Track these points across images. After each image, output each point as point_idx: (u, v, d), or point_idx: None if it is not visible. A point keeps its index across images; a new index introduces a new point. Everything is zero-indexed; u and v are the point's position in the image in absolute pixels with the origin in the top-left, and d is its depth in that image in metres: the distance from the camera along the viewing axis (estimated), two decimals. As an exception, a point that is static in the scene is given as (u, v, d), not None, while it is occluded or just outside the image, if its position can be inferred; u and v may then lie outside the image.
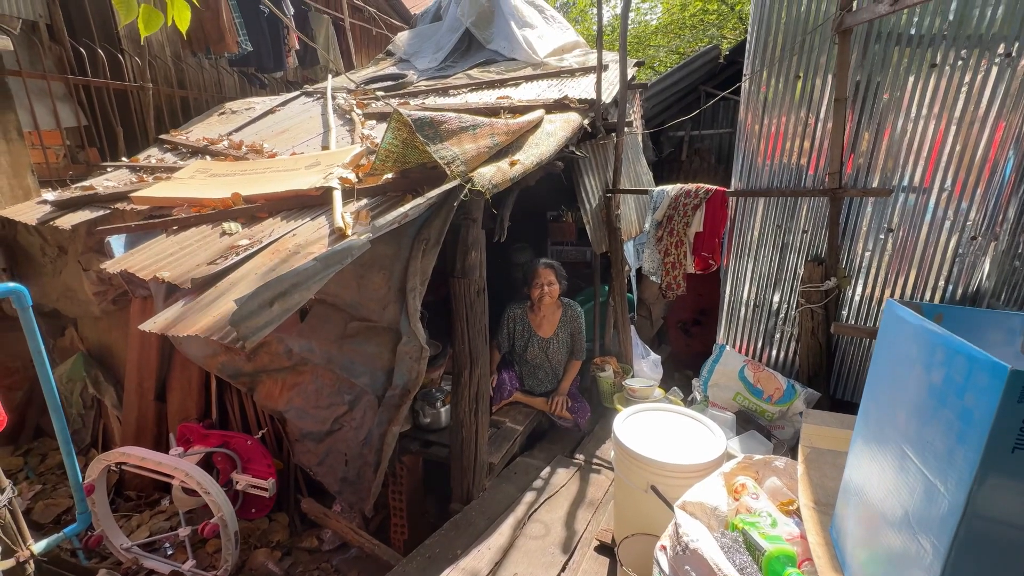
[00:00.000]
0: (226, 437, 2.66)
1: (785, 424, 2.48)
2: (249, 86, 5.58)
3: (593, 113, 3.22)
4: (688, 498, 1.19)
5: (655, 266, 3.05)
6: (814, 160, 2.56)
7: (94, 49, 3.92)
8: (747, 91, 2.71)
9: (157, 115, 4.43)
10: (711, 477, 1.27)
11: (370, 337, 2.19)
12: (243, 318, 1.38)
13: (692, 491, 1.22)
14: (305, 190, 2.39)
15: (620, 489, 1.84)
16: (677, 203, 2.86)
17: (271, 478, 2.58)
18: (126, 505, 2.92)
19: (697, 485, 1.24)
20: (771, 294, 2.82)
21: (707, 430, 1.77)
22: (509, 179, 2.26)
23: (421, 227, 2.09)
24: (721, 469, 1.30)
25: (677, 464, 1.58)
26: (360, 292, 2.16)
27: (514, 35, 4.77)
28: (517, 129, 2.63)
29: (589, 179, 3.29)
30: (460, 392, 2.31)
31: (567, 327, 3.05)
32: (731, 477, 1.29)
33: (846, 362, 2.69)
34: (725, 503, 1.15)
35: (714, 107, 5.54)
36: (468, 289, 2.22)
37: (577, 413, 2.90)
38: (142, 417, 2.92)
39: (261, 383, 2.63)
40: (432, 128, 2.21)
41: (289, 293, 1.48)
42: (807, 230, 2.64)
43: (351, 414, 2.37)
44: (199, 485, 2.22)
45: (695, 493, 1.20)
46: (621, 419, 1.85)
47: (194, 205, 2.59)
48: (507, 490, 2.40)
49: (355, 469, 2.36)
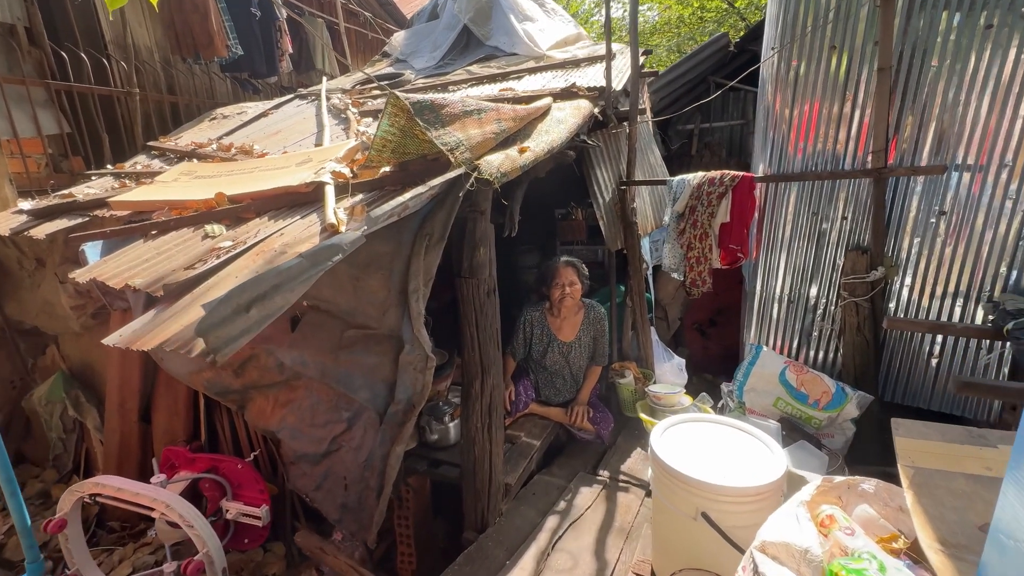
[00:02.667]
0: (215, 461, 2.42)
1: (835, 432, 2.22)
2: (242, 92, 5.42)
3: (603, 101, 3.01)
4: (768, 536, 0.95)
5: (677, 262, 2.82)
6: (854, 141, 2.33)
7: (77, 54, 3.74)
8: (774, 71, 2.49)
9: (146, 122, 4.25)
10: (789, 507, 1.03)
11: (369, 347, 1.95)
12: (212, 326, 1.15)
13: (771, 527, 0.97)
14: (295, 186, 2.18)
15: (660, 514, 1.59)
16: (700, 192, 2.63)
17: (264, 505, 2.33)
18: (109, 537, 2.68)
19: (775, 518, 1.00)
20: (807, 288, 2.58)
21: (761, 444, 1.53)
22: (519, 167, 2.04)
23: (423, 221, 1.86)
24: (800, 496, 1.05)
25: (734, 487, 1.33)
26: (357, 296, 1.94)
27: (514, 29, 4.60)
28: (525, 115, 2.41)
29: (601, 171, 3.07)
30: (471, 405, 2.07)
31: (590, 330, 2.81)
32: (815, 506, 1.04)
33: (896, 361, 2.44)
34: (816, 542, 0.91)
35: (724, 99, 5.33)
36: (477, 290, 1.99)
37: (600, 424, 2.65)
38: (125, 440, 2.68)
39: (252, 400, 2.40)
40: (433, 112, 2.00)
41: (269, 296, 1.26)
42: (847, 216, 2.40)
43: (350, 433, 2.13)
44: (181, 518, 1.98)
45: (776, 529, 0.96)
46: (658, 433, 1.61)
47: (175, 208, 2.38)
48: (526, 514, 2.15)
49: (356, 494, 2.11)
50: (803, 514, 0.99)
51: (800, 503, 1.02)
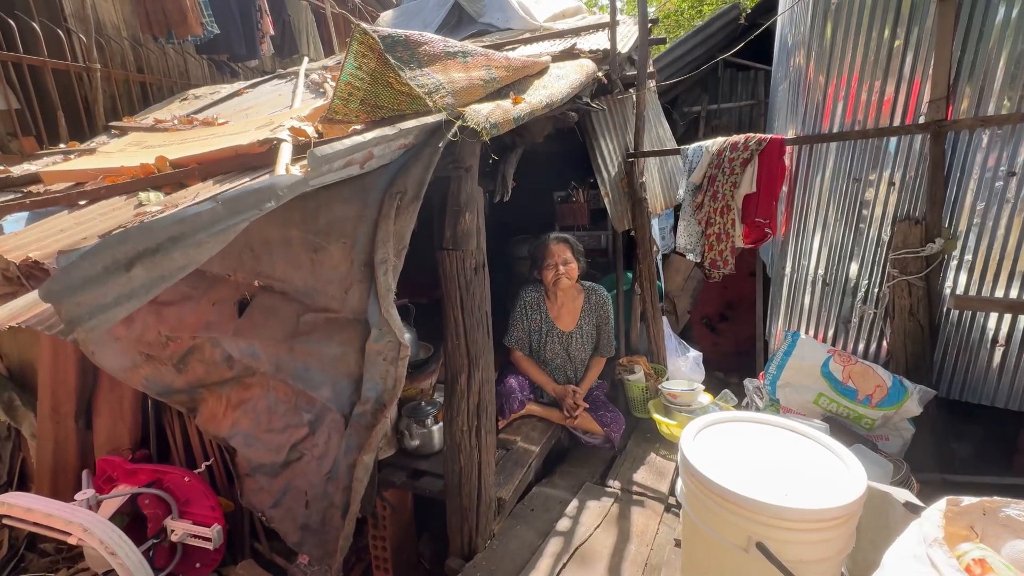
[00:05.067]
0: (158, 473, 2.07)
1: (890, 433, 1.88)
2: (219, 74, 5.09)
3: (608, 65, 2.67)
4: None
5: (693, 241, 2.47)
6: (904, 93, 2.00)
7: (30, 24, 3.40)
8: (807, 31, 2.16)
9: (112, 103, 3.91)
10: (913, 545, 0.69)
11: (330, 334, 1.60)
12: (69, 289, 0.81)
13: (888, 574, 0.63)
14: (245, 146, 1.83)
15: (696, 542, 1.24)
16: (721, 159, 2.29)
17: (217, 524, 1.99)
18: (42, 561, 2.32)
19: (898, 566, 0.66)
20: (846, 267, 2.24)
21: (825, 451, 1.18)
22: (512, 119, 1.70)
23: (394, 177, 1.52)
24: (926, 530, 0.70)
25: (804, 510, 0.98)
26: (314, 272, 1.59)
27: (508, 3, 4.28)
28: (520, 67, 2.07)
29: (606, 142, 2.73)
30: (455, 405, 1.72)
31: (592, 316, 2.45)
32: (952, 541, 0.70)
33: (952, 351, 2.09)
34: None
35: (732, 79, 5.01)
36: (462, 264, 1.64)
37: (609, 426, 2.29)
38: (60, 449, 2.32)
39: (203, 401, 2.05)
40: (407, 50, 1.66)
41: (165, 250, 0.91)
42: (895, 182, 2.07)
43: (312, 439, 1.78)
44: (102, 544, 1.63)
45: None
46: (689, 437, 1.26)
47: (110, 176, 2.04)
48: (523, 536, 1.79)
49: (318, 512, 1.76)
50: (943, 559, 0.64)
51: (934, 542, 0.68)
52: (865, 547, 1.19)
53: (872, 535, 1.20)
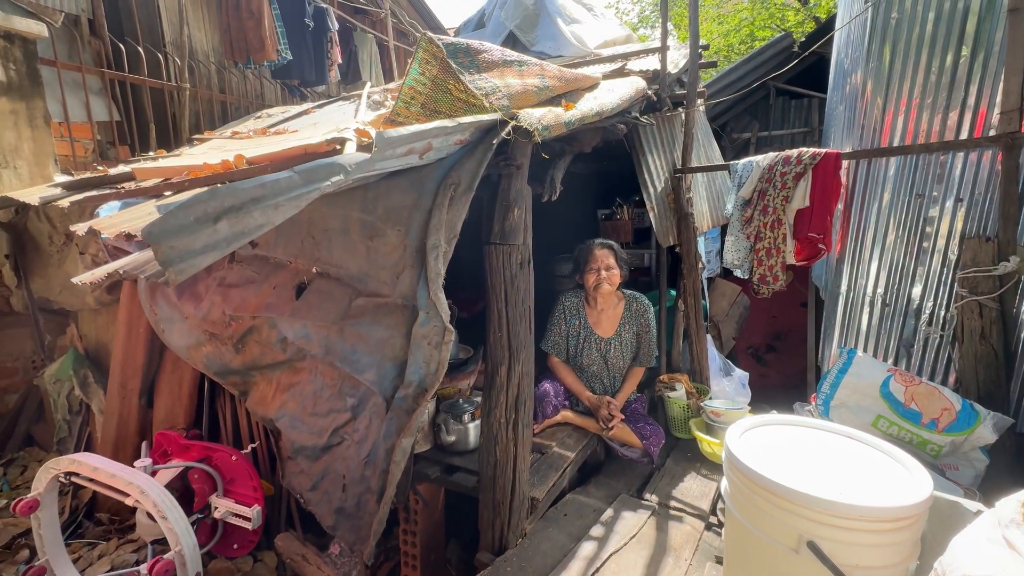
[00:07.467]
0: (208, 450, 2.17)
1: (959, 463, 1.72)
2: (291, 97, 5.54)
3: (657, 85, 2.73)
4: (972, 570, 0.57)
5: (742, 256, 2.43)
6: (971, 107, 1.93)
7: (136, 48, 3.86)
8: (864, 52, 2.15)
9: (196, 119, 4.34)
10: (988, 529, 0.64)
11: (379, 317, 1.67)
12: (166, 233, 0.90)
13: (969, 558, 0.59)
14: (315, 144, 1.99)
15: (739, 541, 1.18)
16: (772, 174, 2.27)
17: (256, 505, 2.05)
18: (95, 530, 2.45)
19: (970, 546, 0.61)
20: (908, 287, 2.13)
21: (885, 456, 1.11)
22: (563, 123, 1.77)
23: (449, 171, 1.60)
24: (1003, 512, 0.66)
25: (863, 507, 0.93)
26: (369, 258, 1.68)
27: (561, 33, 4.47)
28: (572, 79, 2.16)
29: (654, 157, 2.76)
30: (494, 396, 1.73)
31: (632, 324, 2.42)
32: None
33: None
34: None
35: (784, 106, 4.96)
36: (508, 258, 1.69)
37: (648, 439, 2.22)
38: (123, 423, 2.49)
39: (255, 384, 2.17)
40: (468, 56, 1.77)
41: (246, 209, 1.00)
42: (962, 198, 1.97)
43: (354, 424, 1.83)
44: (155, 507, 1.72)
45: (980, 562, 0.57)
46: (735, 434, 1.22)
47: (193, 171, 2.24)
48: (555, 538, 1.75)
49: (354, 497, 1.79)
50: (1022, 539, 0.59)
51: (1011, 523, 0.63)
52: (932, 563, 1.09)
53: (940, 550, 1.10)
